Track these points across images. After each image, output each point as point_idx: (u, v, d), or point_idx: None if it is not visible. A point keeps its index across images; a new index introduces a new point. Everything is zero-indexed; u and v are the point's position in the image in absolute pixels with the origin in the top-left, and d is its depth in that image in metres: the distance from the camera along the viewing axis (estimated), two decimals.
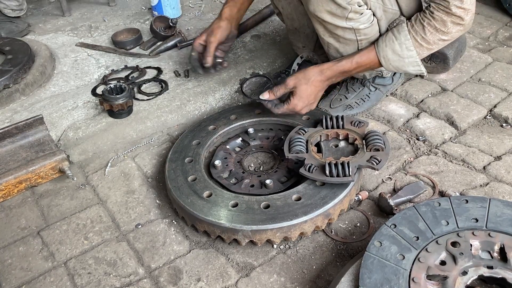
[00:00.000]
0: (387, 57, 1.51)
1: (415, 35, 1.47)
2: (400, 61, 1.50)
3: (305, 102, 1.59)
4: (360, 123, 1.56)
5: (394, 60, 1.50)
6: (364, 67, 1.58)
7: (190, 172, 1.51)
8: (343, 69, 1.57)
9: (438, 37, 1.46)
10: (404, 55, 1.49)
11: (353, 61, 1.56)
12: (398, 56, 1.49)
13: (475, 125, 1.74)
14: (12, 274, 1.34)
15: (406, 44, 1.47)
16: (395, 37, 1.49)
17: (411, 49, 1.48)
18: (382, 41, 1.52)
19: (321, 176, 1.38)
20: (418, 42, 1.47)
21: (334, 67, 1.58)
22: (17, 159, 1.63)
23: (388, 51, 1.50)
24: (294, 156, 1.46)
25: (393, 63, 1.51)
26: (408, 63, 1.51)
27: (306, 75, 1.58)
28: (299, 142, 1.50)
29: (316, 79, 1.57)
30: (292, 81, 1.58)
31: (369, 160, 1.41)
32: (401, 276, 1.08)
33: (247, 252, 1.35)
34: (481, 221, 1.17)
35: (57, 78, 2.16)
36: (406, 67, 1.53)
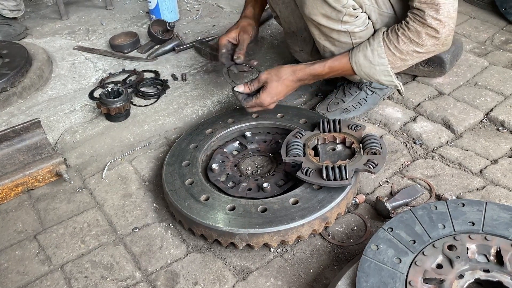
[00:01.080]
0: (358, 62, 1.50)
1: (389, 44, 1.46)
2: (371, 67, 1.49)
3: (273, 98, 1.60)
4: (357, 127, 1.57)
5: (365, 66, 1.49)
6: (337, 72, 1.58)
7: (187, 175, 1.51)
8: (315, 73, 1.58)
9: (411, 48, 1.44)
10: (375, 62, 1.48)
11: (326, 65, 1.56)
12: (369, 63, 1.48)
13: (472, 128, 1.75)
14: (8, 278, 1.34)
15: (378, 51, 1.46)
16: (369, 43, 1.49)
17: (383, 56, 1.46)
18: (357, 47, 1.52)
19: (318, 179, 1.38)
20: (390, 51, 1.46)
21: (307, 69, 1.58)
22: (14, 162, 1.63)
23: (360, 56, 1.49)
24: (291, 160, 1.46)
25: (364, 69, 1.50)
26: (380, 71, 1.49)
27: (278, 72, 1.60)
28: (296, 145, 1.50)
29: (287, 78, 1.59)
30: (264, 75, 1.60)
31: (366, 163, 1.41)
32: (398, 280, 1.08)
33: (244, 255, 1.35)
34: (478, 224, 1.18)
35: (54, 82, 2.16)
36: (377, 76, 1.51)
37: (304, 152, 1.49)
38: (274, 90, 1.59)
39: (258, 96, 1.60)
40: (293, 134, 1.57)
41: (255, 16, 1.88)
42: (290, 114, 1.74)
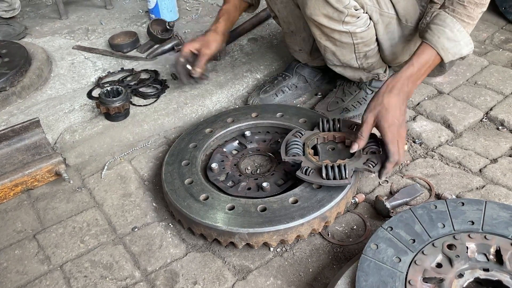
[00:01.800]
0: (445, 47, 1.44)
1: (460, 16, 1.44)
2: (456, 45, 1.45)
3: (400, 135, 1.40)
4: (357, 126, 1.56)
5: (451, 47, 1.45)
6: (426, 66, 1.47)
7: (187, 175, 1.51)
8: (409, 74, 1.44)
9: (479, 10, 1.44)
10: (459, 38, 1.44)
11: (414, 64, 1.45)
12: (454, 42, 1.44)
13: (471, 128, 1.74)
14: (7, 277, 1.33)
15: (457, 27, 1.43)
16: (442, 26, 1.44)
17: (462, 30, 1.44)
18: (431, 35, 1.45)
19: (317, 179, 1.38)
20: (465, 22, 1.44)
21: (398, 75, 1.44)
22: (13, 162, 1.63)
23: (444, 40, 1.44)
24: (291, 159, 1.46)
25: (451, 50, 1.45)
26: (464, 44, 1.46)
27: (379, 101, 1.41)
28: (296, 145, 1.49)
29: (393, 99, 1.40)
30: (369, 114, 1.42)
31: (366, 163, 1.41)
32: (398, 279, 1.08)
33: (243, 255, 1.35)
34: (477, 223, 1.18)
35: (53, 81, 2.16)
36: (462, 50, 1.47)
37: (304, 151, 1.49)
38: (391, 118, 1.38)
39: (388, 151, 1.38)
40: (293, 133, 1.57)
41: (224, 32, 1.86)
42: (289, 114, 1.74)
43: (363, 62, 1.70)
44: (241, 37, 2.38)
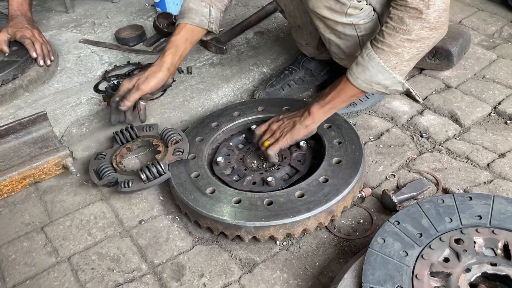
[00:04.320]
0: (352, 71, 1.39)
1: (376, 43, 1.35)
2: (364, 70, 1.36)
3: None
4: (151, 127, 1.71)
5: (359, 72, 1.38)
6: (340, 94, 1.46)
7: (193, 168, 1.52)
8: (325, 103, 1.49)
9: (399, 37, 1.31)
10: (366, 63, 1.36)
11: (328, 93, 1.48)
12: (362, 66, 1.37)
13: (479, 122, 1.73)
14: (16, 269, 1.35)
15: (366, 52, 1.36)
16: (360, 53, 1.41)
17: (371, 54, 1.35)
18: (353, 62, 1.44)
19: (141, 185, 1.47)
20: (379, 48, 1.34)
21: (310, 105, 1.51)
22: (21, 155, 1.64)
23: (353, 65, 1.40)
24: (107, 181, 1.51)
25: (359, 75, 1.38)
26: (374, 70, 1.35)
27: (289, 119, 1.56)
28: (106, 168, 1.55)
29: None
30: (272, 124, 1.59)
31: (174, 153, 1.53)
32: (404, 273, 1.07)
33: (250, 248, 1.35)
34: (485, 218, 1.17)
35: (60, 75, 2.16)
36: (374, 77, 1.36)
37: (115, 168, 1.56)
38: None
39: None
40: (95, 158, 1.62)
41: (173, 65, 1.68)
42: (296, 107, 1.72)
43: None
44: (248, 31, 2.37)
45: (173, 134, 1.60)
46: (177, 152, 1.54)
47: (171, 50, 1.68)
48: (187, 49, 1.73)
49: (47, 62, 2.10)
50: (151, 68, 1.66)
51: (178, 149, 1.55)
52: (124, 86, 1.66)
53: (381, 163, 1.58)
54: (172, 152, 1.55)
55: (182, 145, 1.57)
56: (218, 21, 1.76)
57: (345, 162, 1.45)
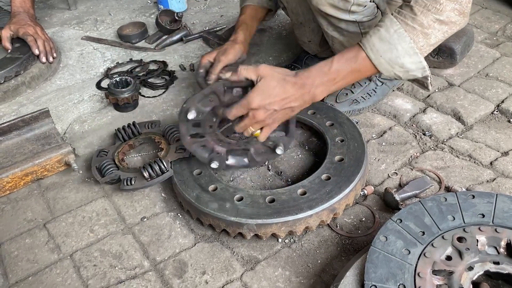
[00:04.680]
0: (374, 48, 1.20)
1: (404, 18, 1.19)
2: (391, 49, 1.19)
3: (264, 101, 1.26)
4: (153, 124, 1.70)
5: (384, 50, 1.20)
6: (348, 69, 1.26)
7: (196, 166, 1.51)
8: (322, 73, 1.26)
9: (431, 17, 1.17)
10: (394, 41, 1.19)
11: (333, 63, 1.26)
12: (388, 44, 1.19)
13: (482, 120, 1.73)
14: (18, 265, 1.35)
15: (394, 28, 1.19)
16: (379, 26, 1.23)
17: (401, 32, 1.18)
18: (365, 36, 1.26)
19: (143, 182, 1.46)
20: (409, 25, 1.18)
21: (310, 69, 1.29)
22: (23, 151, 1.64)
23: (375, 40, 1.21)
24: (109, 178, 1.50)
25: (384, 54, 1.20)
26: (403, 51, 1.20)
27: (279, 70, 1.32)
28: (108, 165, 1.54)
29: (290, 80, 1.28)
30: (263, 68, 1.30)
31: (177, 151, 1.53)
32: (407, 271, 1.07)
33: (252, 245, 1.35)
34: (488, 216, 1.17)
35: (63, 72, 2.17)
36: (401, 58, 1.21)
37: (117, 166, 1.55)
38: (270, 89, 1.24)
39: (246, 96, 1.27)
40: (97, 155, 1.62)
41: (242, 42, 1.75)
42: None
43: None
44: None
45: (176, 132, 1.60)
46: (180, 149, 1.54)
47: (241, 27, 1.78)
48: (254, 26, 1.84)
49: (49, 59, 2.10)
50: (227, 43, 1.75)
51: (180, 146, 1.55)
52: (205, 59, 1.71)
53: (384, 161, 1.58)
54: (175, 149, 1.55)
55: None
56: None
57: (347, 160, 1.45)
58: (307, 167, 1.60)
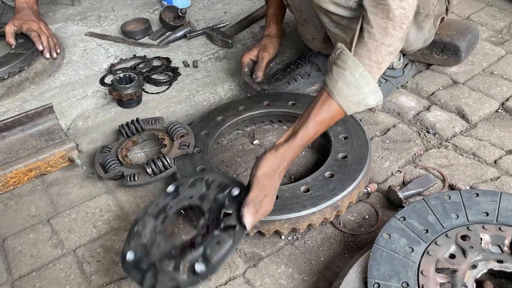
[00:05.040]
0: (342, 94, 1.18)
1: (361, 58, 1.20)
2: (359, 93, 1.19)
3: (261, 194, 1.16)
4: (156, 120, 1.70)
5: (352, 94, 1.19)
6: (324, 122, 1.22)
7: (199, 162, 1.51)
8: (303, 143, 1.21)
9: (384, 51, 1.20)
10: (361, 84, 1.19)
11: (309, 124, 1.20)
12: (355, 87, 1.19)
13: (487, 118, 1.72)
14: (22, 260, 1.35)
15: (359, 71, 1.18)
16: (342, 68, 1.20)
17: (365, 74, 1.18)
18: (329, 79, 1.21)
19: (146, 178, 1.47)
20: (367, 64, 1.19)
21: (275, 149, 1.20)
22: (27, 147, 1.64)
23: (342, 85, 1.19)
24: (112, 174, 1.51)
25: (352, 97, 1.19)
26: (368, 92, 1.20)
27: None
28: (112, 161, 1.55)
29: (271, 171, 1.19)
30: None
31: (180, 147, 1.53)
32: (410, 269, 1.07)
33: (255, 242, 1.35)
34: (492, 215, 1.16)
35: (66, 68, 2.17)
36: (367, 99, 1.21)
37: (120, 162, 1.55)
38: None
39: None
40: (100, 151, 1.62)
41: (277, 34, 1.88)
42: (302, 102, 1.73)
43: None
44: (254, 25, 2.36)
45: (179, 128, 1.60)
46: (183, 146, 1.54)
47: (273, 20, 1.87)
48: (283, 16, 1.93)
49: (53, 54, 2.10)
50: (263, 39, 1.84)
51: (183, 143, 1.54)
52: (247, 58, 1.82)
53: (387, 158, 1.58)
54: (178, 146, 1.55)
55: (188, 139, 1.57)
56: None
57: (351, 157, 1.45)
58: (310, 164, 1.60)
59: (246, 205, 1.12)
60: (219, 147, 1.71)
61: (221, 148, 1.71)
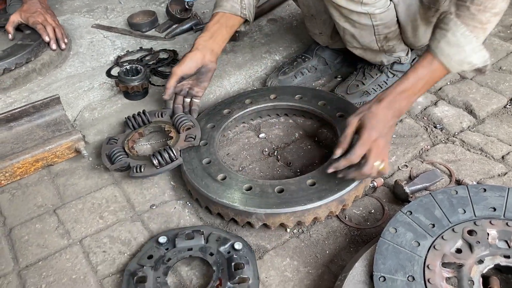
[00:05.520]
0: (445, 53, 1.28)
1: (464, 19, 1.25)
2: (460, 52, 1.26)
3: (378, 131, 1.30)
4: (162, 113, 1.69)
5: (454, 53, 1.27)
6: (426, 78, 1.32)
7: (205, 154, 1.51)
8: (402, 89, 1.32)
9: (488, 13, 1.23)
10: (462, 43, 1.25)
11: (409, 77, 1.32)
12: (457, 47, 1.26)
13: (495, 114, 1.71)
14: (29, 250, 1.36)
15: (460, 31, 1.25)
16: (444, 29, 1.27)
17: (467, 34, 1.25)
18: (432, 40, 1.31)
19: (152, 170, 1.46)
20: (470, 25, 1.24)
21: (390, 89, 1.34)
22: (34, 138, 1.65)
23: (443, 46, 1.28)
24: (118, 166, 1.51)
25: (454, 56, 1.27)
26: (470, 51, 1.26)
27: (365, 107, 1.35)
28: (118, 152, 1.54)
29: (381, 110, 1.31)
30: (355, 117, 1.34)
31: (186, 139, 1.53)
32: (416, 263, 1.07)
33: (260, 235, 1.35)
34: (499, 210, 1.16)
35: (73, 59, 2.17)
36: (469, 57, 1.27)
37: (127, 153, 1.55)
38: (375, 121, 1.29)
39: (351, 149, 1.29)
40: (107, 142, 1.61)
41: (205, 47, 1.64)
42: (308, 96, 1.72)
43: (383, 45, 1.66)
44: (261, 18, 2.35)
45: (185, 120, 1.60)
46: (189, 138, 1.54)
47: (203, 33, 1.67)
48: (225, 34, 1.68)
49: (61, 45, 2.10)
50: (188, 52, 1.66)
51: (190, 135, 1.54)
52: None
53: (394, 153, 1.57)
54: (184, 138, 1.55)
55: (194, 132, 1.57)
56: (252, 8, 1.71)
57: None
58: (316, 158, 1.60)
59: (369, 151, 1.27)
60: (224, 140, 1.71)
61: (227, 141, 1.71)
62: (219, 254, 1.25)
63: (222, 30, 1.66)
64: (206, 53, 1.63)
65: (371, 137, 1.28)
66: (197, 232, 1.30)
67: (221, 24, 1.66)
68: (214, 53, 1.65)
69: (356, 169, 1.29)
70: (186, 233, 1.30)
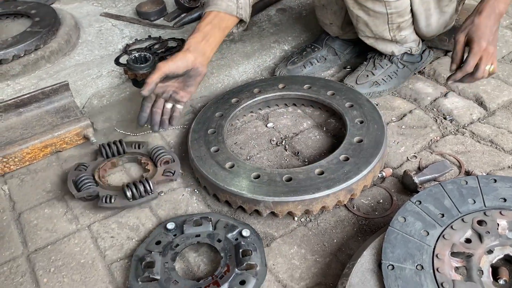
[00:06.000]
0: None
1: None
2: None
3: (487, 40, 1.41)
4: (140, 144, 1.59)
5: None
6: None
7: (213, 143, 1.51)
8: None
9: None
10: None
11: None
12: None
13: (505, 106, 1.69)
14: (37, 234, 1.37)
15: None
16: None
17: None
18: None
19: (124, 202, 1.38)
20: None
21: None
22: (43, 123, 1.65)
23: None
24: (85, 194, 1.41)
25: None
26: None
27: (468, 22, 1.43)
28: (86, 180, 1.44)
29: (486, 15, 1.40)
30: (460, 34, 1.44)
31: (164, 173, 1.46)
32: (425, 252, 1.06)
33: (268, 223, 1.35)
34: (510, 201, 1.15)
35: (81, 47, 2.17)
36: None
37: (96, 182, 1.45)
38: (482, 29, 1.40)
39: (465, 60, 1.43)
40: (75, 168, 1.50)
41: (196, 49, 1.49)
42: (317, 86, 1.71)
43: (396, 34, 1.65)
44: (270, 7, 2.34)
45: (164, 154, 1.51)
46: (167, 173, 1.46)
47: (195, 34, 1.49)
48: (217, 36, 1.52)
49: None
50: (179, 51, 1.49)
51: (168, 169, 1.47)
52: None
53: (403, 144, 1.56)
54: (162, 172, 1.47)
55: (173, 167, 1.49)
56: (248, 8, 1.58)
57: (366, 142, 1.44)
58: (325, 148, 1.59)
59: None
60: (232, 129, 1.71)
61: (234, 130, 1.70)
62: (227, 241, 1.25)
63: (215, 32, 1.51)
64: (198, 56, 1.47)
65: (481, 47, 1.40)
66: (205, 218, 1.30)
67: (213, 25, 1.51)
68: (206, 56, 1.50)
69: (470, 75, 1.44)
70: (194, 220, 1.30)
